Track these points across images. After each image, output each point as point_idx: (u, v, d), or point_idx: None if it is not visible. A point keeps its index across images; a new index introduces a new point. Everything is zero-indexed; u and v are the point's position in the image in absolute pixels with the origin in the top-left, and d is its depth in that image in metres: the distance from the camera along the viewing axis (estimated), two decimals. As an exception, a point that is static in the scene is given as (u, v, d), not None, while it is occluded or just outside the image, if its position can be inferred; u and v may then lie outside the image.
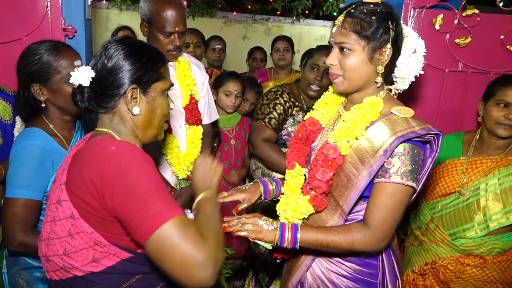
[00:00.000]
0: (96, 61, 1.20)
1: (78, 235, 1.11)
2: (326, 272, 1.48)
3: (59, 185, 1.18)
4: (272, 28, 6.80)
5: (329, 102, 1.56)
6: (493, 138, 1.94)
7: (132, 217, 1.03)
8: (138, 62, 1.19)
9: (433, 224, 2.01)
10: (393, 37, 1.33)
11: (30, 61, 1.60)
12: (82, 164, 1.12)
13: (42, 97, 1.62)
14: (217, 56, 3.85)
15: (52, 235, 1.17)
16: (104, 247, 1.11)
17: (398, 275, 1.51)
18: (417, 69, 1.41)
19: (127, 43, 1.21)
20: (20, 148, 1.59)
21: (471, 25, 2.30)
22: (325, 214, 1.44)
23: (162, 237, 1.00)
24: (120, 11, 6.26)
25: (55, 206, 1.17)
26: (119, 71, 1.17)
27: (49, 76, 1.60)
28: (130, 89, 1.18)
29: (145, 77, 1.20)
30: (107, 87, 1.18)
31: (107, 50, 1.19)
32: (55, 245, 1.16)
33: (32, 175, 1.56)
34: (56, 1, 2.12)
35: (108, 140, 1.15)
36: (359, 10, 1.32)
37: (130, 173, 1.05)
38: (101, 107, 1.21)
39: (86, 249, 1.12)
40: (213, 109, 2.45)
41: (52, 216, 1.17)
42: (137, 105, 1.20)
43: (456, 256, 1.94)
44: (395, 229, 1.36)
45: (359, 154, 1.34)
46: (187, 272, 1.00)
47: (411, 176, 1.30)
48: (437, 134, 1.35)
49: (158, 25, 1.98)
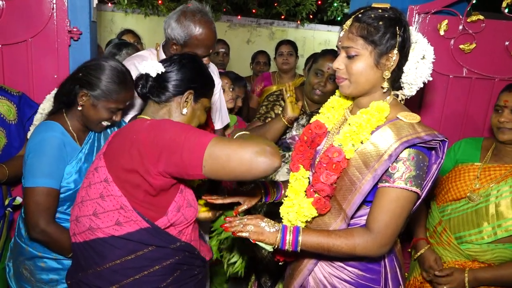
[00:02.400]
0: (171, 63, 1.48)
1: (108, 198, 1.31)
2: (328, 277, 1.47)
3: (98, 156, 1.39)
4: (276, 32, 6.82)
5: (336, 106, 1.56)
6: (503, 145, 1.93)
7: (181, 154, 1.20)
8: (201, 77, 1.51)
9: (441, 227, 1.99)
10: (400, 43, 1.32)
11: (99, 77, 1.64)
12: (122, 137, 1.34)
13: (81, 102, 1.67)
14: (221, 60, 3.87)
15: (86, 197, 1.37)
16: (128, 211, 1.30)
17: (401, 281, 1.50)
18: (425, 75, 1.40)
19: (199, 61, 1.55)
20: (41, 139, 1.64)
21: (476, 31, 2.29)
22: (328, 218, 1.43)
23: (213, 153, 1.19)
24: (125, 14, 6.29)
25: (92, 173, 1.37)
26: (185, 76, 1.46)
27: (101, 97, 1.65)
28: (188, 92, 1.46)
29: (201, 89, 1.50)
30: (170, 84, 1.45)
31: (183, 58, 1.50)
32: (87, 206, 1.36)
33: (53, 165, 1.63)
34: (61, 3, 2.13)
35: (143, 119, 1.39)
36: (367, 15, 1.32)
37: (166, 126, 1.28)
38: (157, 96, 1.46)
39: (112, 211, 1.31)
40: (225, 113, 2.48)
41: (88, 182, 1.38)
42: (186, 107, 1.46)
43: (462, 261, 1.92)
44: (397, 234, 1.36)
45: (363, 158, 1.34)
46: (249, 164, 1.17)
47: (415, 181, 1.29)
48: (443, 140, 1.34)
49: (193, 47, 1.97)
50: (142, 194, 1.30)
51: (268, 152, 1.18)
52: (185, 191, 1.42)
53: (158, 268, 1.38)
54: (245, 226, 1.35)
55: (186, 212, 1.42)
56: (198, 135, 1.24)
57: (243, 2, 6.76)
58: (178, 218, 1.40)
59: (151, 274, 1.37)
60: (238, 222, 1.37)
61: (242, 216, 1.43)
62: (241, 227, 1.35)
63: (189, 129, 1.27)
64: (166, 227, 1.38)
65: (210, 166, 1.20)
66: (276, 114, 2.37)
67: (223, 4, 6.51)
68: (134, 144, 1.27)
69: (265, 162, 1.17)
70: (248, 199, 1.60)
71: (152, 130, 1.27)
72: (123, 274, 1.35)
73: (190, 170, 1.22)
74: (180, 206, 1.39)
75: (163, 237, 1.37)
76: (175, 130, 1.26)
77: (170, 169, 1.25)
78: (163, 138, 1.24)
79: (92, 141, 1.79)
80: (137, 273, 1.35)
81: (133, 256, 1.35)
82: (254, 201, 1.62)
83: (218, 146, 1.20)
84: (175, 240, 1.41)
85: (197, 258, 1.52)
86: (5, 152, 1.92)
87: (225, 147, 1.20)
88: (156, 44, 2.19)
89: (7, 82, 2.12)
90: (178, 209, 1.39)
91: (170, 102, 1.46)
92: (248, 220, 1.37)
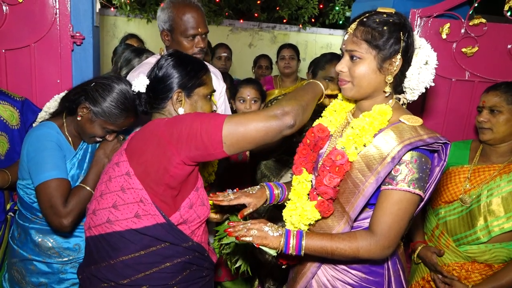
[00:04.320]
0: (150, 72, 1.52)
1: (129, 190, 1.34)
2: (332, 280, 1.47)
3: (119, 152, 1.42)
4: (278, 36, 6.83)
5: (338, 109, 1.56)
6: (488, 145, 1.98)
7: (201, 136, 1.27)
8: (183, 71, 1.49)
9: (438, 230, 2.03)
10: (404, 48, 1.33)
11: (105, 95, 1.64)
12: (142, 133, 1.38)
13: (80, 113, 1.67)
14: (223, 64, 3.88)
15: (106, 190, 1.39)
16: (147, 205, 1.34)
17: (404, 284, 1.49)
18: (428, 81, 1.40)
19: (175, 55, 1.53)
20: (38, 135, 1.65)
21: (478, 34, 2.29)
22: (331, 221, 1.43)
23: (230, 128, 1.28)
24: (128, 19, 6.32)
25: (112, 167, 1.40)
26: (168, 78, 1.48)
27: (100, 116, 1.65)
28: (176, 92, 1.48)
29: (189, 83, 1.49)
30: (159, 92, 1.49)
31: (159, 62, 1.52)
32: (107, 199, 1.38)
33: (55, 157, 1.64)
34: (64, 8, 2.14)
35: (160, 118, 1.43)
36: (372, 20, 1.33)
37: (181, 117, 1.35)
38: (154, 108, 1.53)
39: (132, 203, 1.34)
40: None
41: (109, 176, 1.40)
42: (182, 106, 1.49)
43: (461, 262, 1.94)
44: (400, 237, 1.35)
45: (366, 161, 1.34)
46: (265, 129, 1.28)
47: (418, 184, 1.29)
48: (445, 143, 1.35)
49: (181, 29, 1.99)
50: (162, 188, 1.33)
51: (279, 113, 1.28)
52: (201, 189, 1.46)
53: (169, 265, 1.40)
54: (249, 231, 1.35)
55: (198, 210, 1.44)
56: (212, 117, 1.32)
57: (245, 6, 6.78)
58: (191, 215, 1.42)
59: (161, 270, 1.39)
60: (241, 226, 1.36)
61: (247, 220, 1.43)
62: (244, 231, 1.35)
63: (202, 114, 1.35)
64: (178, 223, 1.40)
65: (231, 141, 1.28)
66: None
67: (225, 9, 6.54)
68: (155, 138, 1.32)
69: (277, 124, 1.28)
70: (253, 202, 1.59)
71: (169, 123, 1.33)
72: (135, 269, 1.37)
73: (212, 149, 1.29)
74: (193, 204, 1.42)
75: (176, 234, 1.40)
76: (190, 118, 1.33)
77: (192, 153, 1.30)
78: (181, 128, 1.30)
79: (86, 148, 1.80)
80: (148, 269, 1.38)
81: (146, 251, 1.38)
82: (260, 203, 1.61)
83: (233, 121, 1.29)
84: (188, 239, 1.43)
85: (206, 260, 1.53)
86: (7, 157, 1.93)
87: (239, 121, 1.29)
88: (160, 49, 2.20)
89: (10, 87, 2.13)
90: (190, 206, 1.41)
91: (166, 107, 1.51)
92: (252, 224, 1.37)
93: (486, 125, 1.93)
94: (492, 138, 1.93)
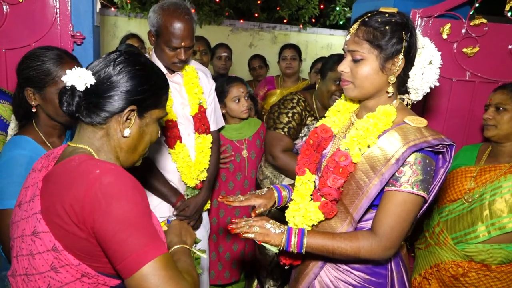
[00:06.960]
0: (100, 69, 1.11)
1: (63, 269, 1.03)
2: (335, 281, 1.46)
3: (33, 214, 1.07)
4: (279, 36, 6.83)
5: (341, 109, 1.56)
6: (497, 145, 2.01)
7: (115, 250, 0.97)
8: (144, 85, 1.13)
9: (439, 228, 2.06)
10: (406, 48, 1.32)
11: (30, 65, 1.56)
12: (60, 189, 1.02)
13: (33, 102, 1.58)
14: (223, 64, 3.87)
15: (31, 270, 1.07)
16: (93, 277, 1.05)
17: (407, 285, 1.49)
18: (432, 80, 1.40)
19: (139, 62, 1.15)
20: (8, 158, 1.53)
21: (479, 35, 2.29)
22: (335, 222, 1.43)
23: (145, 276, 0.96)
24: (128, 19, 6.32)
25: (31, 238, 1.06)
26: (122, 88, 1.10)
27: (44, 84, 1.55)
28: (128, 110, 1.11)
29: (148, 101, 1.15)
30: (105, 100, 1.09)
31: (116, 62, 1.12)
32: (36, 282, 1.06)
33: (21, 185, 1.46)
34: (65, 8, 2.14)
35: (89, 161, 1.06)
36: (374, 19, 1.32)
37: (116, 203, 0.97)
38: (90, 117, 1.11)
39: (73, 282, 1.04)
40: (219, 115, 2.43)
41: (29, 249, 1.06)
42: (129, 127, 1.13)
43: (458, 261, 1.96)
44: (403, 238, 1.35)
45: (370, 162, 1.34)
46: None
47: (421, 185, 1.29)
48: (450, 144, 1.34)
49: (165, 38, 1.97)
50: (104, 255, 1.03)
51: None
52: None
53: None
54: (251, 228, 1.35)
55: None
56: (146, 242, 0.99)
57: (246, 6, 6.78)
58: None
59: None
60: (244, 223, 1.37)
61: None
62: (247, 228, 1.36)
63: (143, 223, 1.01)
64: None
65: (134, 286, 0.98)
66: (297, 123, 2.35)
67: (225, 9, 6.54)
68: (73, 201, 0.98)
69: None
70: (264, 203, 1.59)
71: (96, 198, 0.97)
72: None
73: (118, 269, 1.00)
74: None
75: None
76: (124, 217, 0.98)
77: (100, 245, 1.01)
78: (106, 221, 0.97)
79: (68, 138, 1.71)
80: None
81: None
82: (270, 204, 1.60)
83: (156, 271, 0.97)
84: None
85: None
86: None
87: (161, 278, 0.98)
88: (148, 49, 2.17)
89: (10, 87, 2.13)
90: None
91: (107, 123, 1.12)
92: (254, 221, 1.37)
93: (491, 122, 1.96)
94: (496, 134, 1.96)
